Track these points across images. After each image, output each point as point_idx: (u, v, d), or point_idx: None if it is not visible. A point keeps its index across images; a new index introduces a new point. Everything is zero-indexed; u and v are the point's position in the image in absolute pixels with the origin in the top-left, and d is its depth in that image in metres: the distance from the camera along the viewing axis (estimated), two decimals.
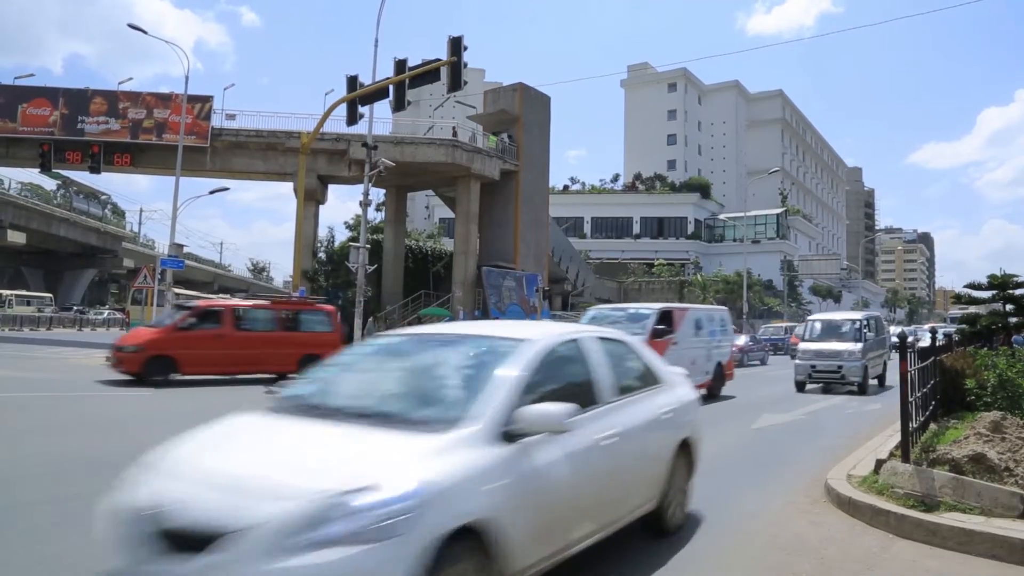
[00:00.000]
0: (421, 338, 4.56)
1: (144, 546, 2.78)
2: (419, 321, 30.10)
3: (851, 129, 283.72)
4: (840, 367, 16.18)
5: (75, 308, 50.24)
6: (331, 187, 35.13)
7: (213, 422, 3.55)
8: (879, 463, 6.14)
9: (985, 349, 11.45)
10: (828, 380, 16.65)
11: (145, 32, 26.56)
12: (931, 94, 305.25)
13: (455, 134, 35.25)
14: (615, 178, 79.40)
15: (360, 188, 23.63)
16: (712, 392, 14.51)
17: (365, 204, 23.75)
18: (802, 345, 17.52)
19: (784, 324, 40.86)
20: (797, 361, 17.26)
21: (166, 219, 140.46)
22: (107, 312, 51.27)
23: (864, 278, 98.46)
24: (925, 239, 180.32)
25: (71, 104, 33.25)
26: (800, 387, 16.71)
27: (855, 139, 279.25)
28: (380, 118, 40.66)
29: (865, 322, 17.27)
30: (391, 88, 18.10)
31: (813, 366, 16.53)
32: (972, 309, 17.14)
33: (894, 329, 40.32)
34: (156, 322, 16.35)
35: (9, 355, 20.18)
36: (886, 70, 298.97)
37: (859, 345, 16.31)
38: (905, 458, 5.89)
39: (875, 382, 17.72)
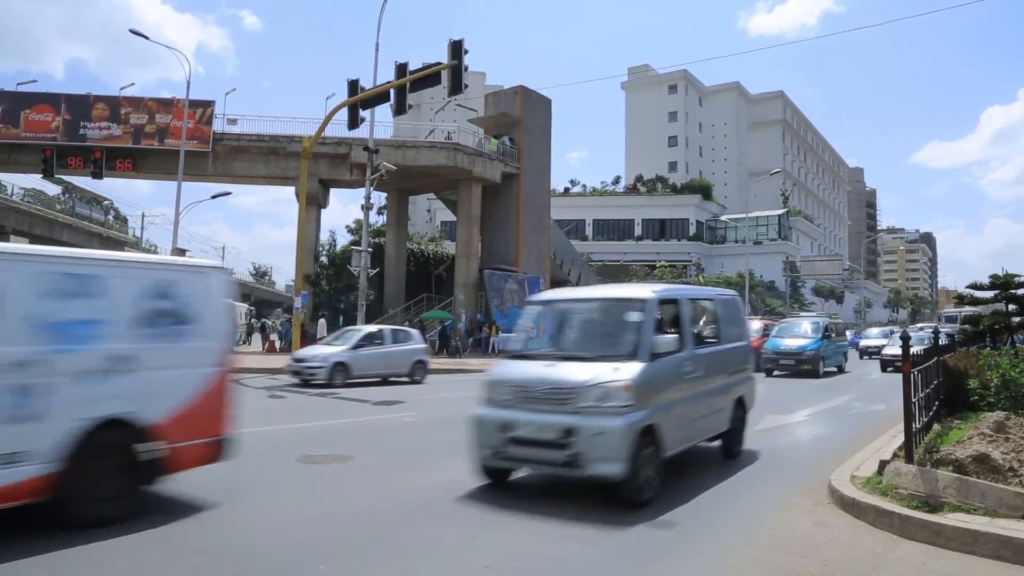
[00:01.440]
0: None
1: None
2: (421, 325, 30.11)
3: (853, 129, 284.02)
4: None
5: None
6: (333, 191, 35.14)
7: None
8: (883, 464, 6.13)
9: (988, 349, 11.43)
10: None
11: (147, 37, 26.69)
12: (934, 93, 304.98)
13: (449, 138, 35.29)
14: (616, 180, 79.41)
15: (362, 192, 23.71)
16: (74, 510, 4.96)
17: (367, 208, 23.81)
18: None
19: (758, 320, 28.21)
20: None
21: (168, 224, 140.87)
22: None
23: (866, 278, 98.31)
24: (927, 239, 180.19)
25: (73, 110, 33.33)
26: None
27: (857, 139, 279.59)
28: (381, 122, 40.74)
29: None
30: (392, 92, 18.11)
31: None
32: (969, 308, 16.94)
33: (876, 331, 38.44)
34: None
35: None
36: (888, 69, 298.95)
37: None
38: (909, 459, 5.89)
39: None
